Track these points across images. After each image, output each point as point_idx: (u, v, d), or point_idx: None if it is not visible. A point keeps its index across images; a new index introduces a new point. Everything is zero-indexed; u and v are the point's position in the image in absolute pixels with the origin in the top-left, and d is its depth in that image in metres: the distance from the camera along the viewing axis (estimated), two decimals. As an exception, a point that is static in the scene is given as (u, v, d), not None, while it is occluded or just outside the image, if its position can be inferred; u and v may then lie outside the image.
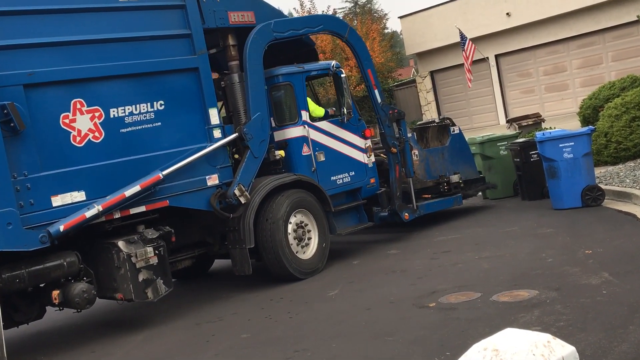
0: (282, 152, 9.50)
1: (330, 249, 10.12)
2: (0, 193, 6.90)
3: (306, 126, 9.67)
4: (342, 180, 10.04)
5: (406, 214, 10.59)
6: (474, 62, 22.04)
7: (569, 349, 2.12)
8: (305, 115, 9.72)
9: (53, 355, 7.56)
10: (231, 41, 9.40)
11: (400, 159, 10.64)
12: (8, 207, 6.93)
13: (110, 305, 9.70)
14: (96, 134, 7.78)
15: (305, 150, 9.64)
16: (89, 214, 7.42)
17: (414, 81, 29.47)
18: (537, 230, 9.67)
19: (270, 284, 9.18)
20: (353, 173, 10.16)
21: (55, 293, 7.38)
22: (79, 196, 7.52)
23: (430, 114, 27.23)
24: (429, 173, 11.69)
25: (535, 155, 11.73)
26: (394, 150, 10.55)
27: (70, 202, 7.45)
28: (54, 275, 7.40)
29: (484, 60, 24.29)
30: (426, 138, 12.25)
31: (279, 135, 9.67)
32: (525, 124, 16.70)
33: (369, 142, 10.48)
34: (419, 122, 14.29)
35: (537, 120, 16.92)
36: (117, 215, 7.81)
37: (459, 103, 26.53)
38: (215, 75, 9.57)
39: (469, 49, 21.00)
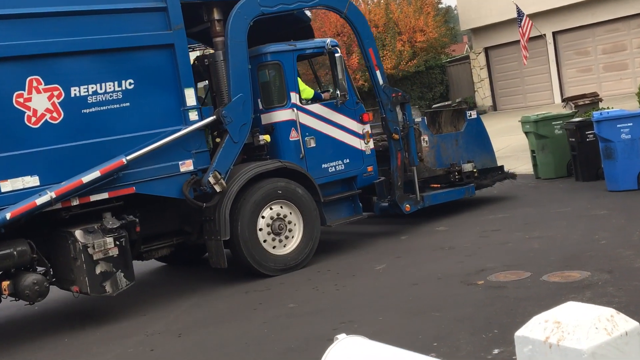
0: (267, 137, 8.84)
1: (378, 223, 10.14)
2: None
3: (295, 109, 8.99)
4: (335, 168, 9.33)
5: (407, 205, 9.86)
6: (530, 39, 21.54)
7: (632, 324, 2.08)
8: (294, 98, 9.04)
9: (105, 318, 7.77)
10: (216, 15, 8.71)
11: (404, 146, 9.91)
12: None
13: (162, 270, 9.92)
14: (54, 114, 7.20)
15: (294, 135, 8.97)
16: (39, 201, 6.90)
17: (467, 57, 29.01)
18: (590, 212, 9.48)
19: (317, 255, 9.23)
20: (348, 160, 9.45)
21: (5, 284, 6.95)
22: (31, 181, 7.01)
23: (483, 91, 26.82)
24: (439, 161, 10.96)
25: (592, 136, 11.45)
26: (396, 136, 9.79)
27: (21, 187, 6.94)
28: (3, 265, 6.95)
29: (541, 37, 23.72)
30: (439, 123, 11.64)
31: (266, 119, 9.03)
32: (582, 103, 16.28)
33: (367, 127, 9.77)
34: (434, 105, 13.74)
35: (594, 100, 16.48)
36: (75, 203, 7.28)
37: (513, 81, 26.03)
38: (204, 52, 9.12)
39: (525, 25, 20.53)
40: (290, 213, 8.68)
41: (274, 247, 8.51)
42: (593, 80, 23.43)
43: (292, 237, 8.69)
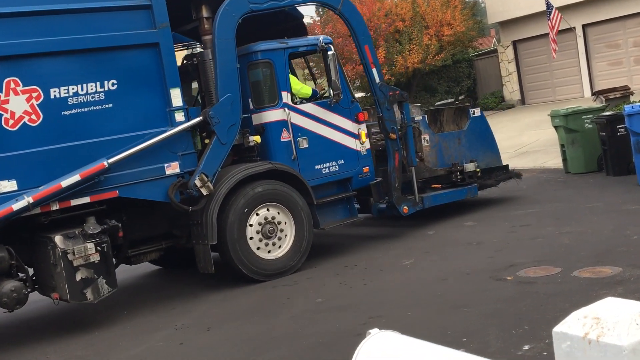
0: (257, 138, 8.55)
1: (404, 219, 10.06)
2: None
3: (287, 109, 8.71)
4: (329, 169, 9.03)
5: (405, 207, 9.55)
6: (559, 32, 21.26)
7: (673, 320, 2.04)
8: (286, 97, 8.75)
9: (134, 311, 7.85)
10: (205, 13, 8.52)
11: (402, 145, 9.64)
12: None
13: (190, 266, 9.98)
14: (33, 116, 6.99)
15: (285, 136, 8.69)
16: (16, 206, 6.73)
17: (495, 51, 28.72)
18: (621, 207, 9.35)
19: (344, 251, 9.24)
20: (342, 161, 9.14)
21: None
22: (9, 186, 6.81)
23: (511, 85, 26.55)
24: (441, 160, 10.63)
25: (623, 129, 11.29)
26: (393, 136, 9.48)
27: None
28: None
29: (570, 30, 23.40)
30: (440, 121, 11.35)
31: (257, 119, 8.75)
32: (613, 96, 16.05)
33: (363, 127, 9.44)
34: (437, 103, 13.30)
35: (625, 93, 16.24)
36: (55, 207, 7.07)
37: (541, 74, 25.72)
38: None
39: (554, 18, 20.27)
40: (280, 215, 8.40)
41: (264, 251, 8.26)
42: (624, 74, 23.05)
43: (284, 240, 8.42)
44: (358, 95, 22.29)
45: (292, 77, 9.15)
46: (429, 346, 2.52)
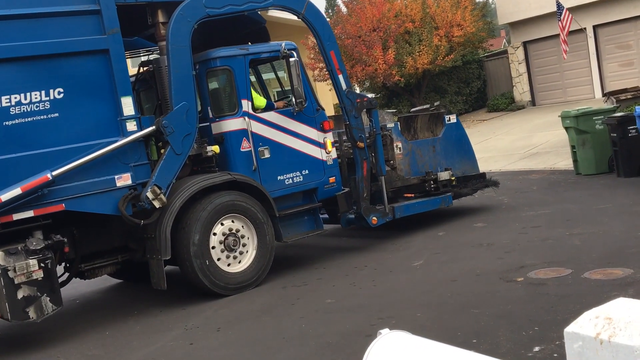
0: (216, 148, 8.24)
1: (416, 220, 10.07)
2: None
3: (247, 118, 8.38)
4: (292, 180, 8.71)
5: (374, 217, 9.23)
6: (570, 32, 21.17)
7: (684, 321, 2.04)
8: (246, 105, 8.41)
9: (145, 312, 7.88)
10: (161, 18, 8.22)
11: (370, 154, 9.29)
12: None
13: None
14: None
15: (245, 146, 8.36)
16: None
17: (505, 52, 28.64)
18: (632, 208, 9.30)
19: (353, 252, 9.23)
20: (307, 172, 8.82)
21: None
22: None
23: (521, 86, 26.47)
24: (414, 169, 10.27)
25: (634, 131, 11.27)
26: (361, 144, 9.12)
27: None
28: None
29: (581, 31, 23.30)
30: (414, 128, 10.93)
31: (216, 128, 8.44)
32: (624, 97, 15.99)
33: (329, 136, 9.11)
34: (412, 109, 12.93)
35: (636, 94, 16.17)
36: None
37: (552, 75, 25.63)
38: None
39: (565, 19, 20.19)
40: (243, 227, 8.14)
41: (228, 265, 7.99)
42: (635, 75, 22.93)
43: (246, 252, 8.15)
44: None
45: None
46: (440, 347, 2.53)
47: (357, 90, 9.50)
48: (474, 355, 2.51)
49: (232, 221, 8.06)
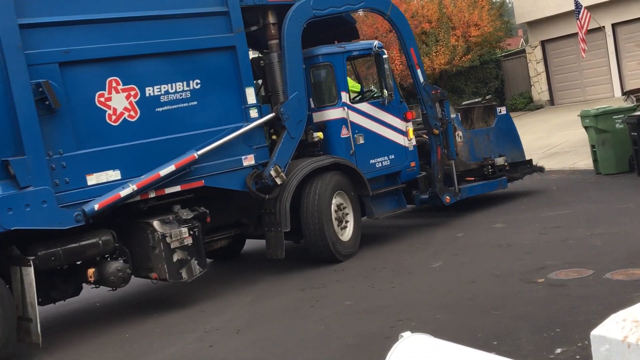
0: (320, 134, 9.30)
1: (433, 220, 10.05)
2: (36, 171, 6.85)
3: (346, 108, 9.43)
4: (382, 163, 9.78)
5: (447, 197, 10.32)
6: (589, 31, 21.00)
7: None
8: (345, 97, 9.47)
9: (164, 314, 7.91)
10: (271, 19, 9.10)
11: (443, 140, 10.36)
12: (43, 186, 6.89)
13: (217, 267, 10.04)
14: (131, 112, 7.67)
15: (344, 133, 9.41)
16: (123, 193, 7.34)
17: (523, 51, 28.47)
18: (654, 208, 9.21)
19: (372, 253, 9.21)
20: (393, 156, 9.89)
21: (91, 271, 7.37)
22: (114, 175, 7.45)
23: (540, 86, 26.31)
24: (472, 155, 11.41)
25: (655, 130, 11.12)
26: (436, 131, 10.25)
27: (105, 181, 7.38)
28: (90, 253, 7.38)
29: (600, 29, 23.12)
30: (471, 119, 11.91)
31: (318, 117, 9.46)
32: (644, 96, 15.80)
33: (410, 125, 10.20)
34: (464, 102, 14.05)
35: (656, 93, 15.97)
36: (152, 195, 7.73)
37: (570, 74, 25.45)
38: (254, 54, 9.50)
39: (583, 17, 20.03)
40: (346, 204, 9.19)
41: (341, 235, 9.05)
42: (655, 73, 22.72)
43: (348, 226, 9.21)
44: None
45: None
46: (462, 349, 2.50)
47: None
48: (495, 357, 2.48)
49: (337, 197, 9.10)
